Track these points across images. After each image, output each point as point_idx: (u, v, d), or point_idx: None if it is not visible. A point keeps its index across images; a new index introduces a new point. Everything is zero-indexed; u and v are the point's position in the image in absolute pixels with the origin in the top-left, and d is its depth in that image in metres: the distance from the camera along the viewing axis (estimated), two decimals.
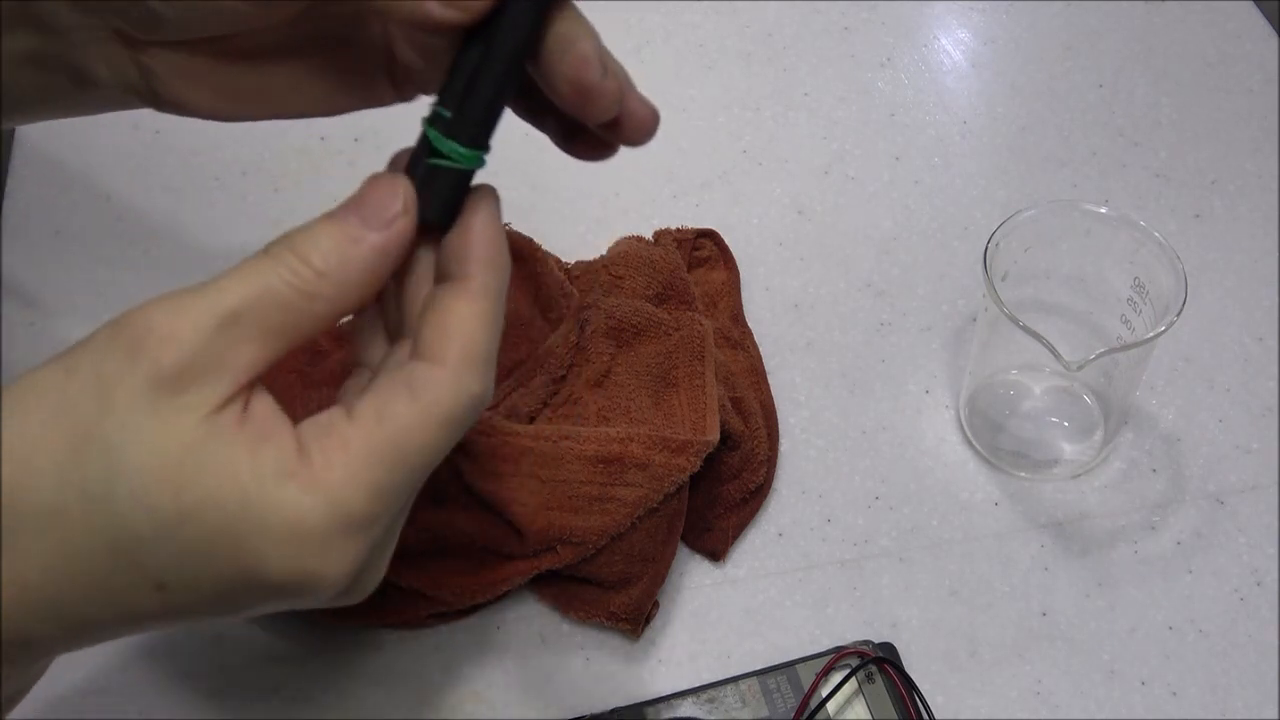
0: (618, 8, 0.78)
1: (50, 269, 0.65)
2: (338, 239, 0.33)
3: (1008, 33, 0.78)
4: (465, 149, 0.35)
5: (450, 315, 0.34)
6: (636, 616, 0.52)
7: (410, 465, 0.33)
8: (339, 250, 0.33)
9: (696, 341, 0.57)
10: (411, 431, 0.33)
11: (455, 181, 0.35)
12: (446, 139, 0.35)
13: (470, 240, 0.35)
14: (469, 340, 0.33)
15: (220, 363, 0.31)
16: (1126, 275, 0.56)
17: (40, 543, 0.30)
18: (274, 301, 0.32)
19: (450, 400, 0.33)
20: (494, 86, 0.35)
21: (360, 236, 0.33)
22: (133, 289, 0.65)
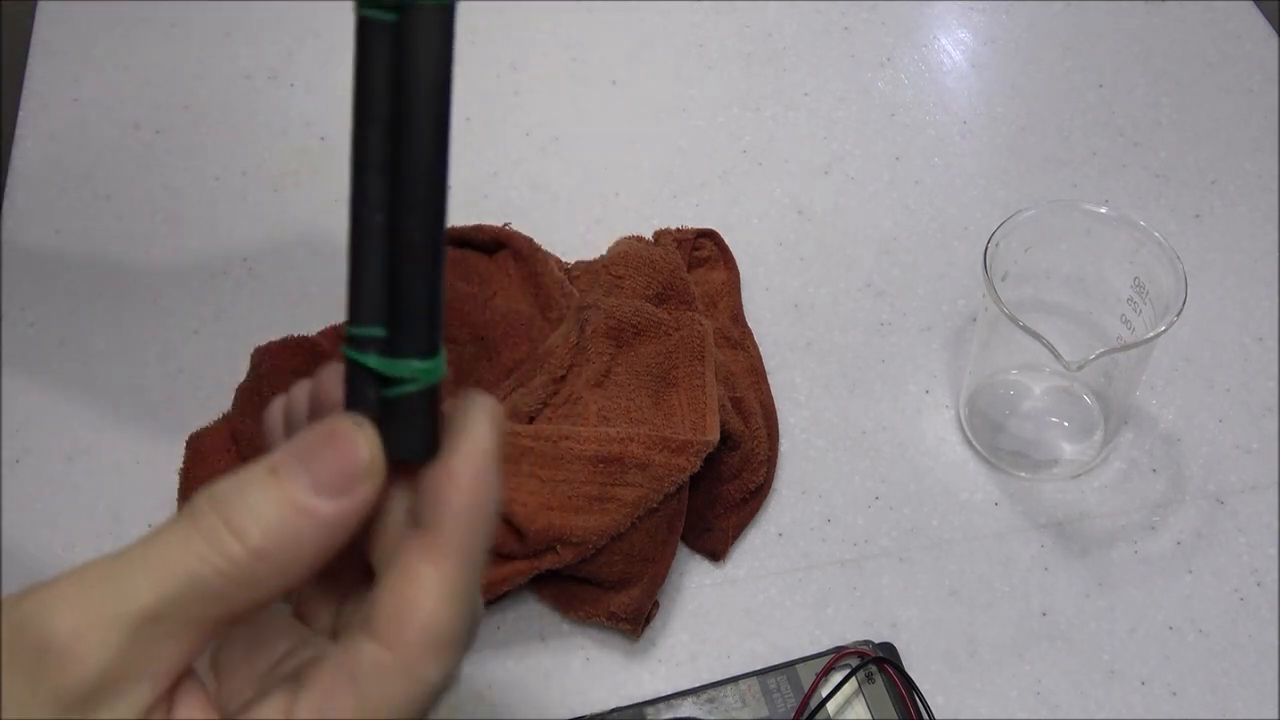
0: (618, 8, 0.78)
1: (50, 269, 0.65)
2: (283, 509, 0.27)
3: (1008, 33, 0.78)
4: (421, 362, 0.28)
5: (412, 585, 0.27)
6: (636, 616, 0.52)
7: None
8: (284, 524, 0.27)
9: (696, 341, 0.57)
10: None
11: (423, 405, 0.28)
12: (394, 360, 0.28)
13: (445, 486, 0.28)
14: (431, 618, 0.27)
15: (137, 670, 0.26)
16: (1126, 275, 0.56)
17: None
18: (201, 593, 0.26)
19: (403, 694, 0.27)
20: (426, 267, 0.28)
21: (311, 507, 0.27)
22: (133, 289, 0.65)
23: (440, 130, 0.27)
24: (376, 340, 0.28)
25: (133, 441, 0.59)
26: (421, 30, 0.27)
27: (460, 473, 0.28)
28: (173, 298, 0.64)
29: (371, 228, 0.27)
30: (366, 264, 0.28)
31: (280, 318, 0.63)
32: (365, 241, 0.27)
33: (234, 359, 0.60)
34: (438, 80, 0.27)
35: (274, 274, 0.65)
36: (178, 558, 0.26)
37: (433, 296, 0.28)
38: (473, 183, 0.70)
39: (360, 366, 0.28)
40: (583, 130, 0.72)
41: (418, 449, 0.28)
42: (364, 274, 0.28)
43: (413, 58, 0.27)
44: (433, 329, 0.28)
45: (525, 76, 0.75)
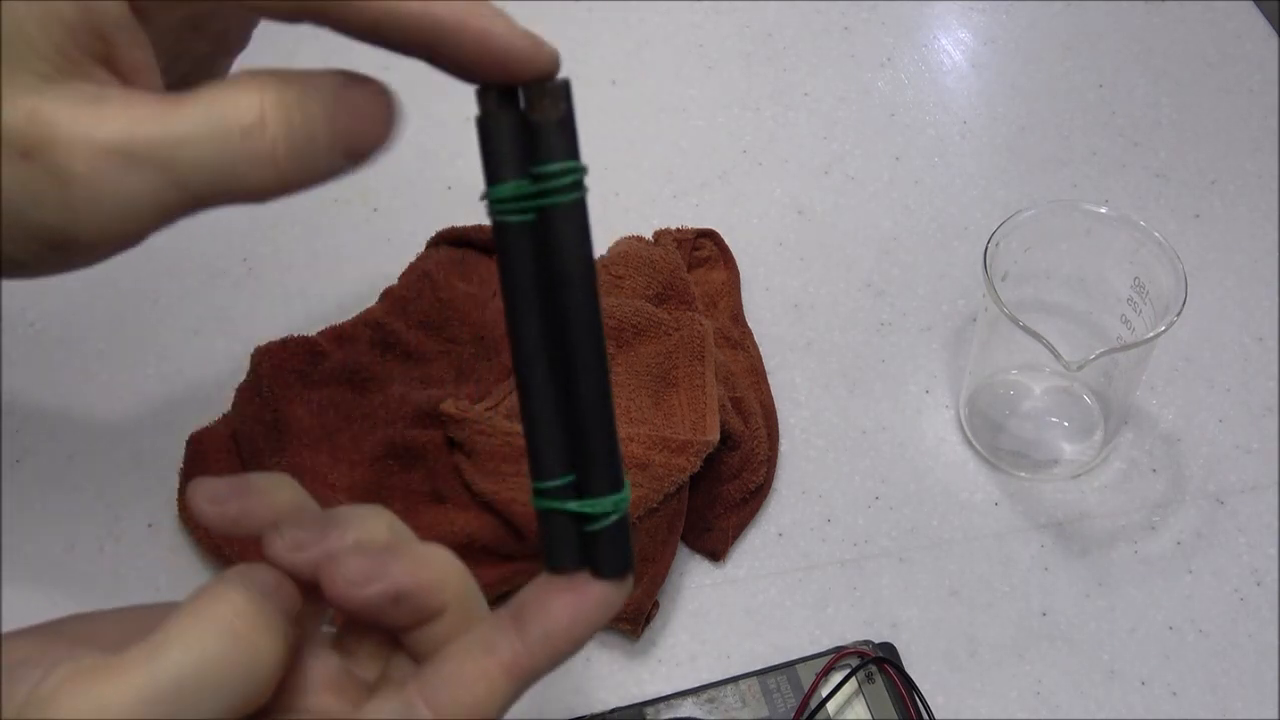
0: (618, 8, 0.78)
1: None
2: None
3: (1008, 33, 0.78)
4: (618, 495, 0.32)
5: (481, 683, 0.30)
6: (636, 616, 0.52)
7: None
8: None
9: (696, 341, 0.57)
10: None
11: (625, 529, 0.32)
12: (597, 499, 0.31)
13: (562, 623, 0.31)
14: (481, 713, 0.30)
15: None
16: (1126, 275, 0.56)
17: None
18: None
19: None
20: (605, 417, 0.31)
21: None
22: (133, 289, 0.65)
23: (594, 302, 0.31)
24: (563, 487, 0.31)
25: (133, 441, 0.59)
26: (564, 224, 0.30)
27: (579, 625, 0.31)
28: (173, 298, 0.64)
29: (544, 399, 0.31)
30: (544, 430, 0.31)
31: (280, 318, 0.63)
32: (541, 412, 0.31)
33: (234, 359, 0.60)
34: (585, 261, 0.30)
35: (274, 274, 0.65)
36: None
37: (614, 440, 0.31)
38: (473, 183, 0.69)
39: (561, 513, 0.32)
40: (583, 130, 0.72)
41: (624, 567, 0.32)
42: (543, 438, 0.32)
43: (561, 251, 0.30)
44: (618, 466, 0.32)
45: None
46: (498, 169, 0.31)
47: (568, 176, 0.30)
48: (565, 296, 0.30)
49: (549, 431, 0.31)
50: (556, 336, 0.31)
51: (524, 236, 0.30)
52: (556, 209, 0.30)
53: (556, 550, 0.32)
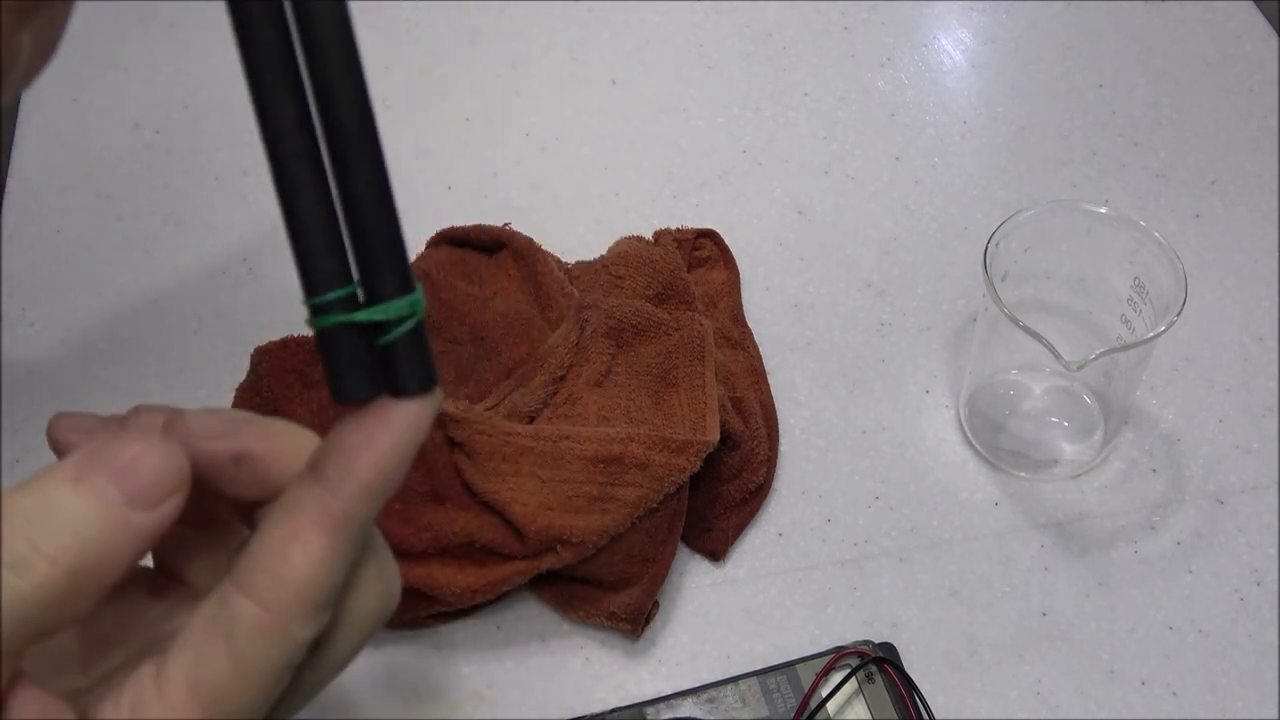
0: (618, 8, 0.78)
1: (50, 269, 0.65)
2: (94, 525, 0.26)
3: (1008, 33, 0.78)
4: (410, 296, 0.28)
5: (295, 548, 0.28)
6: (636, 616, 0.52)
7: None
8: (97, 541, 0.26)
9: (696, 341, 0.57)
10: (230, 694, 0.27)
11: (422, 337, 0.29)
12: (388, 303, 0.28)
13: (359, 454, 0.28)
14: (311, 582, 0.28)
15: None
16: (1126, 275, 0.56)
17: None
18: (13, 626, 0.26)
19: (277, 653, 0.28)
20: (385, 205, 0.27)
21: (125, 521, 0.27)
22: (133, 289, 0.65)
23: (359, 72, 0.27)
24: (344, 300, 0.28)
25: None
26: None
27: (380, 445, 0.28)
28: (173, 298, 0.64)
29: (308, 196, 0.27)
30: (310, 234, 0.28)
31: (280, 318, 0.63)
32: (305, 213, 0.27)
33: (234, 359, 0.60)
34: (344, 24, 0.27)
35: (274, 274, 0.65)
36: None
37: (399, 235, 0.28)
38: (473, 183, 0.70)
39: (345, 330, 0.28)
40: (583, 130, 0.72)
41: (428, 379, 0.28)
42: (311, 244, 0.28)
43: (314, 14, 0.26)
44: (406, 265, 0.28)
45: (525, 76, 0.75)
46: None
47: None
48: (324, 68, 0.26)
49: (319, 235, 0.27)
50: (321, 121, 0.27)
51: (269, 10, 0.27)
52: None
53: (345, 378, 0.28)
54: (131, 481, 0.27)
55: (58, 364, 0.62)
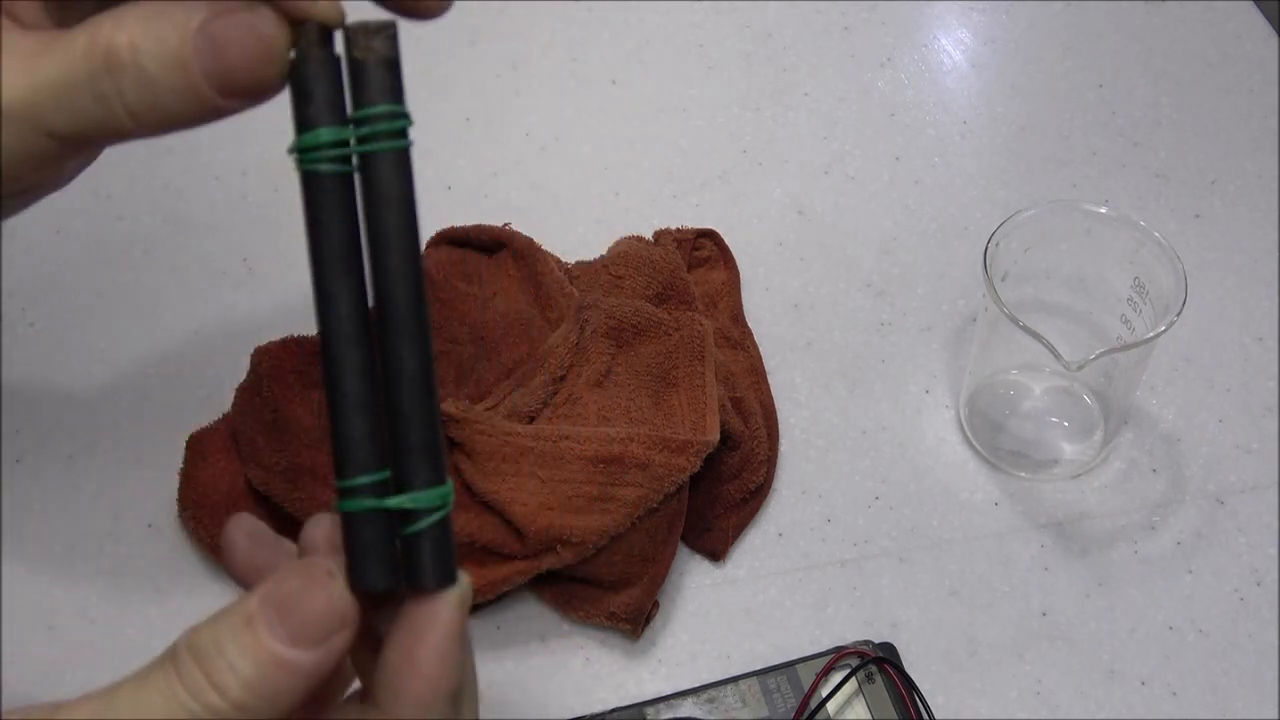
0: (618, 8, 0.78)
1: (50, 269, 0.65)
2: (261, 663, 0.27)
3: (1008, 33, 0.78)
4: (440, 489, 0.28)
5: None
6: (636, 616, 0.52)
7: None
8: (262, 678, 0.27)
9: (696, 341, 0.57)
10: None
11: (447, 530, 0.29)
12: (417, 493, 0.28)
13: (404, 671, 0.29)
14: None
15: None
16: (1126, 275, 0.56)
17: None
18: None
19: None
20: (426, 398, 0.28)
21: (290, 660, 0.28)
22: (133, 289, 0.65)
23: (417, 266, 0.27)
24: (375, 486, 0.28)
25: (133, 441, 0.59)
26: (387, 174, 0.27)
27: (421, 660, 0.29)
28: (173, 298, 0.64)
29: (355, 381, 0.28)
30: (351, 417, 0.28)
31: (280, 318, 0.63)
32: (347, 394, 0.28)
33: (234, 359, 0.60)
34: (408, 218, 0.27)
35: (274, 274, 0.65)
36: (163, 707, 0.27)
37: (435, 426, 0.28)
38: (473, 183, 0.70)
39: (372, 516, 0.28)
40: (583, 130, 0.72)
41: (446, 575, 0.29)
42: (350, 426, 0.28)
43: (383, 205, 0.27)
44: (441, 457, 0.28)
45: (525, 76, 0.75)
46: (310, 111, 0.27)
47: (392, 122, 0.27)
48: (386, 259, 0.27)
49: (360, 419, 0.28)
50: (376, 306, 0.27)
51: (337, 191, 0.27)
52: (378, 158, 0.27)
53: (366, 565, 0.28)
54: (298, 621, 0.28)
55: (58, 364, 0.62)
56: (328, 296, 0.27)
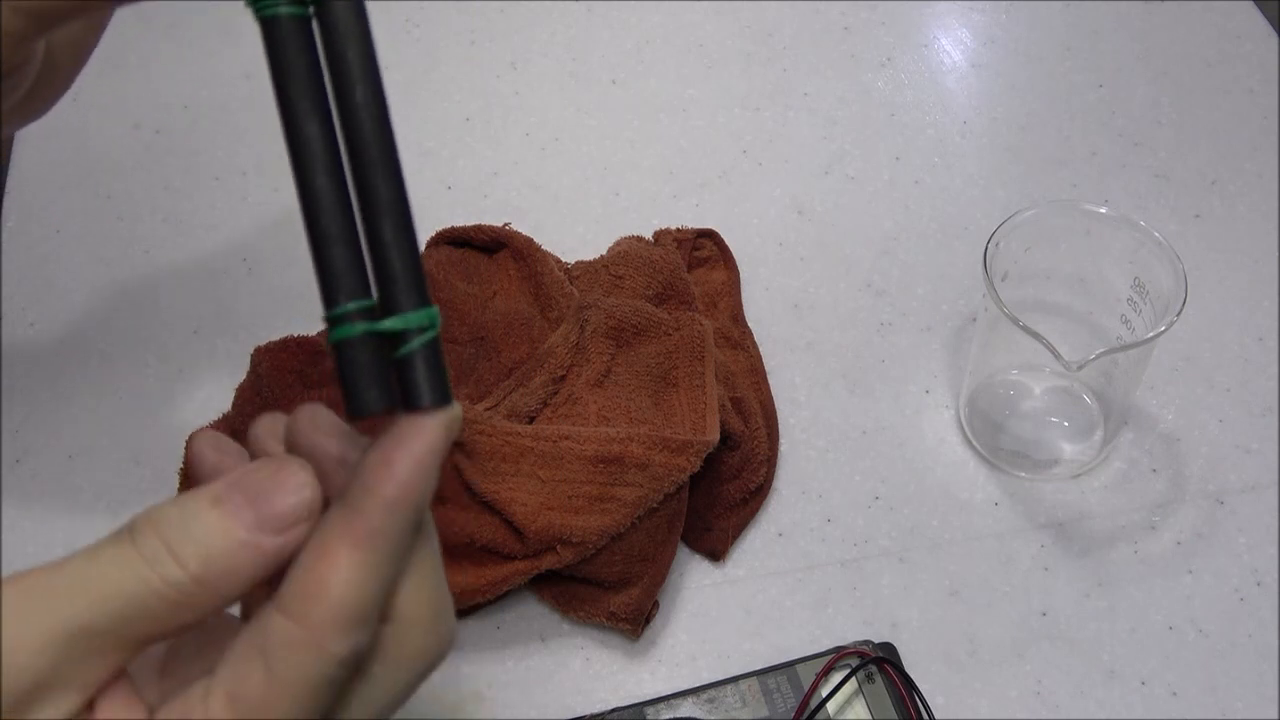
0: (618, 8, 0.78)
1: (50, 269, 0.65)
2: (224, 540, 0.28)
3: (1008, 33, 0.78)
4: (427, 310, 0.29)
5: (325, 564, 0.28)
6: (636, 616, 0.52)
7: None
8: (225, 555, 0.28)
9: (696, 341, 0.57)
10: (267, 707, 0.28)
11: (437, 349, 0.29)
12: (405, 315, 0.29)
13: (378, 474, 0.29)
14: (340, 598, 0.28)
15: (67, 681, 0.27)
16: (1126, 275, 0.56)
17: None
18: (136, 613, 0.27)
19: (312, 668, 0.28)
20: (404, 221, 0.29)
21: (253, 542, 0.28)
22: (133, 289, 0.65)
23: (381, 96, 0.28)
24: (364, 311, 0.29)
25: (133, 441, 0.59)
26: (341, 12, 0.28)
27: (398, 461, 0.29)
28: (173, 298, 0.65)
29: (329, 211, 0.28)
30: (332, 247, 0.28)
31: (280, 318, 0.63)
32: (327, 227, 0.28)
33: (234, 359, 0.60)
34: (368, 52, 0.28)
35: (274, 274, 0.65)
36: (117, 577, 0.27)
37: (416, 252, 0.29)
38: (473, 183, 0.70)
39: (365, 341, 0.29)
40: (583, 130, 0.72)
41: (442, 394, 0.29)
42: (332, 257, 0.28)
43: (343, 41, 0.28)
44: (424, 280, 0.29)
45: (525, 76, 0.75)
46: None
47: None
48: (350, 92, 0.28)
49: (340, 247, 0.28)
50: (346, 143, 0.28)
51: (296, 34, 0.28)
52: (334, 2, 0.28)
53: (362, 390, 0.28)
54: (265, 507, 0.28)
55: (58, 364, 0.62)
56: (298, 133, 0.28)
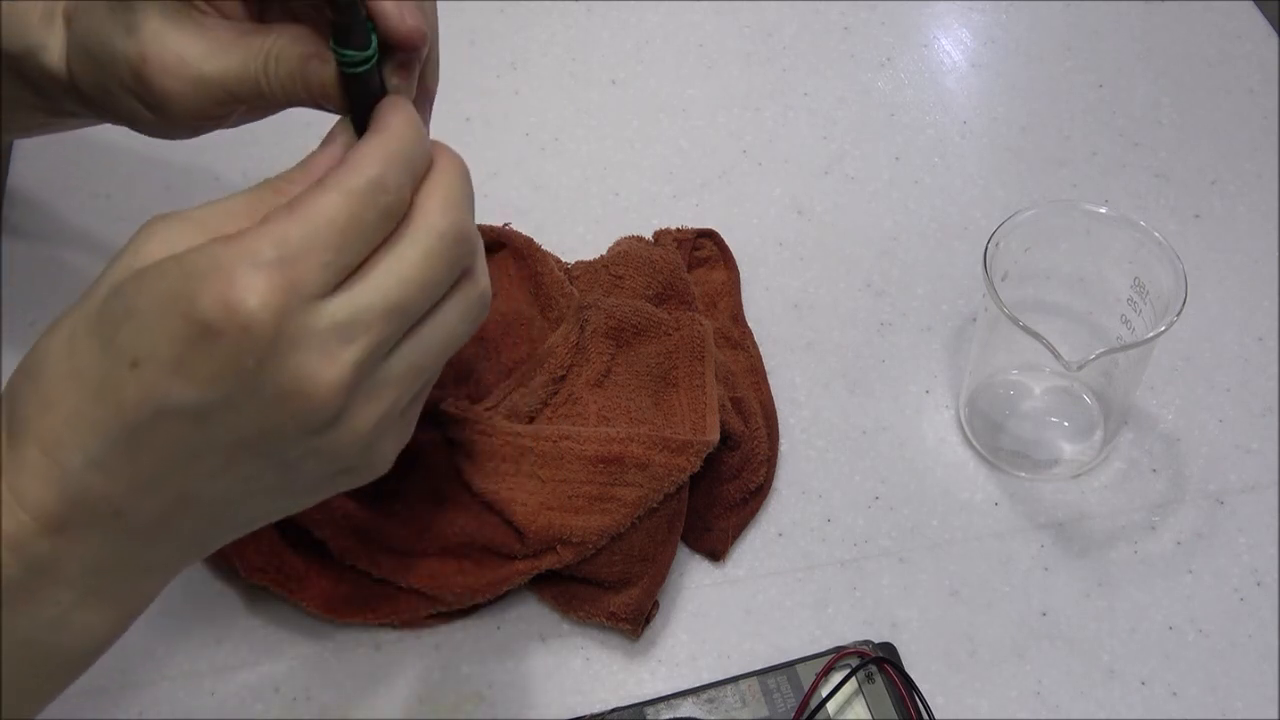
0: (618, 8, 0.78)
1: (50, 269, 0.65)
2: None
3: (1008, 33, 0.78)
4: (356, 51, 0.39)
5: (313, 194, 0.36)
6: (636, 616, 0.52)
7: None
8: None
9: (696, 341, 0.57)
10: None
11: (366, 81, 0.39)
12: (344, 49, 0.39)
13: (354, 147, 0.38)
14: (300, 224, 0.35)
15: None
16: (1126, 275, 0.56)
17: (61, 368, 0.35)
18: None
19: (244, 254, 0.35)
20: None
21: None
22: None
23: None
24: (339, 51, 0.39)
25: None
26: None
27: (363, 141, 0.38)
28: None
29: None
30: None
31: None
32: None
33: None
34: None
35: None
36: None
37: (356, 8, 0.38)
38: (474, 183, 0.69)
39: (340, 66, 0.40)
40: (583, 130, 0.72)
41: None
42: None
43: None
44: (361, 28, 0.38)
45: (525, 76, 0.75)
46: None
47: None
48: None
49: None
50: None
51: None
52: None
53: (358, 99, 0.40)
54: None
55: None
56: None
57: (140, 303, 0.34)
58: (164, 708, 0.51)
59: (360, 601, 0.52)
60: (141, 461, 0.35)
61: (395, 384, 0.38)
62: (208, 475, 0.36)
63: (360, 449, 0.37)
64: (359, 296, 0.36)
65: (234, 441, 0.35)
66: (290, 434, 0.35)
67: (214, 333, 0.33)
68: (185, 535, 0.37)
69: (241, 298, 0.33)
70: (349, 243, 0.35)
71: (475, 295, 0.40)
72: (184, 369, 0.34)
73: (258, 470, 0.36)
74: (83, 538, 0.35)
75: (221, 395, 0.34)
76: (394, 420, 0.39)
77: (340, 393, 0.35)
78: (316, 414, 0.35)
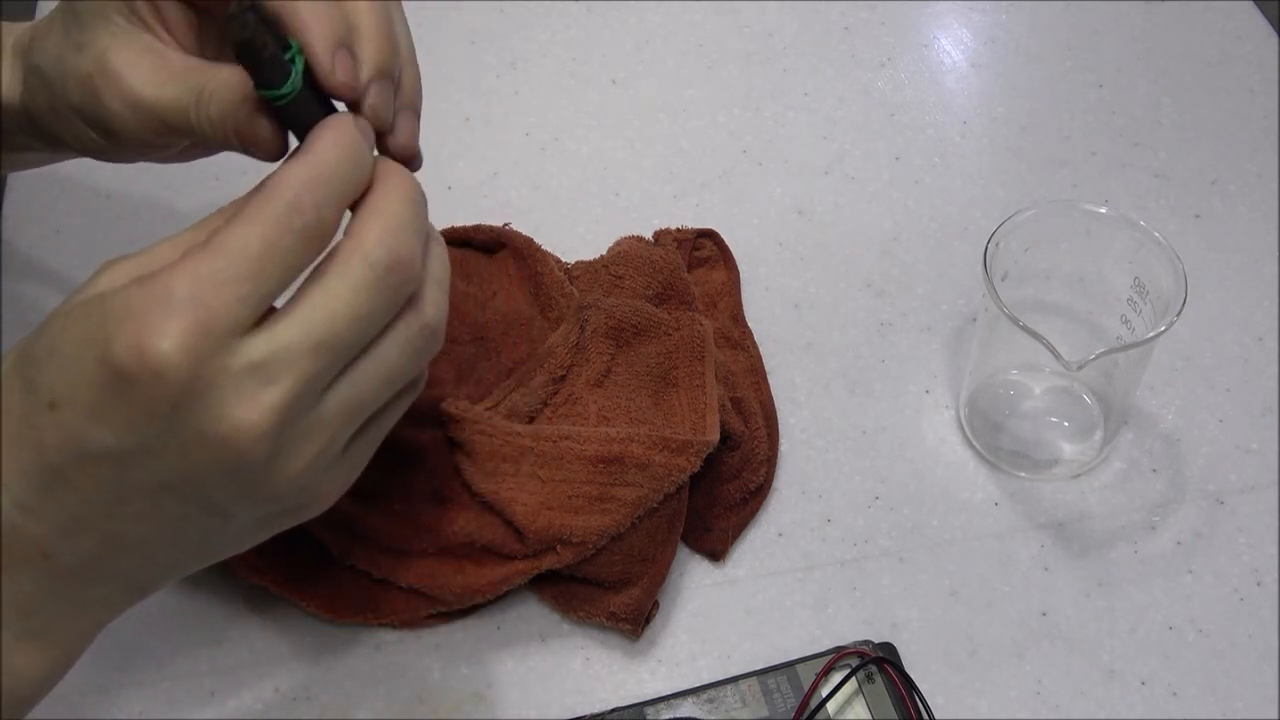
0: (618, 8, 0.78)
1: (50, 269, 0.65)
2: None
3: (1008, 33, 0.78)
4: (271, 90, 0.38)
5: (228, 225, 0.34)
6: (636, 616, 0.52)
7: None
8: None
9: (696, 341, 0.57)
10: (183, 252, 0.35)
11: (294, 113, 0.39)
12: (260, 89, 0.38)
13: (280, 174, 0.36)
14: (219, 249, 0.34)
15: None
16: (1126, 275, 0.56)
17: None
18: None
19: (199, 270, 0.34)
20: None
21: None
22: None
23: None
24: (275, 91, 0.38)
25: None
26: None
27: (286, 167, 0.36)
28: None
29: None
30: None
31: None
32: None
33: None
34: None
35: None
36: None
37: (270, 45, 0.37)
38: (473, 183, 0.70)
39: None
40: (583, 130, 0.72)
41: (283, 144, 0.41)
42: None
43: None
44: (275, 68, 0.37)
45: (525, 76, 0.75)
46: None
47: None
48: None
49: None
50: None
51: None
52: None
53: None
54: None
55: None
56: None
57: (59, 344, 0.34)
58: (164, 708, 0.51)
59: (360, 601, 0.52)
60: (66, 503, 0.34)
61: (330, 423, 0.36)
62: (134, 518, 0.35)
63: (295, 491, 0.36)
64: (281, 334, 0.34)
65: (157, 484, 0.34)
66: (214, 478, 0.34)
67: (127, 378, 0.32)
68: (120, 576, 0.36)
69: (153, 342, 0.32)
70: (266, 271, 0.34)
71: (418, 327, 0.37)
72: (100, 413, 0.33)
73: (185, 513, 0.35)
74: (12, 579, 0.34)
75: (138, 440, 0.33)
76: (333, 459, 0.37)
77: (262, 437, 0.34)
78: (240, 458, 0.34)
